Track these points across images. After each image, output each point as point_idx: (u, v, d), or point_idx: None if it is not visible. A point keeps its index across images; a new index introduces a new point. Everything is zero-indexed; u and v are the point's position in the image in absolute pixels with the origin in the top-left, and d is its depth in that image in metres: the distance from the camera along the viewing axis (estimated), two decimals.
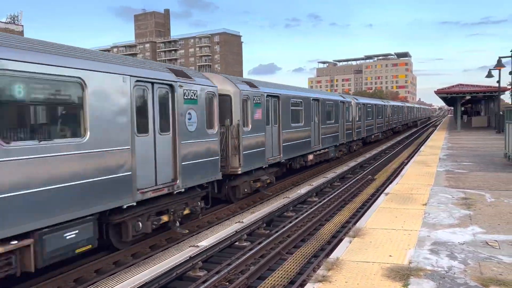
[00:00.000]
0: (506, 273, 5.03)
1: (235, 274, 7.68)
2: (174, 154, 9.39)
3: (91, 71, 7.14)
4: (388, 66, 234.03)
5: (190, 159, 9.95)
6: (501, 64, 31.81)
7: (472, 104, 67.25)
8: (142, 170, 8.36)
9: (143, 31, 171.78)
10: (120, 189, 7.73)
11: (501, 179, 11.81)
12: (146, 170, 8.54)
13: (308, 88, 28.59)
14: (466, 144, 23.90)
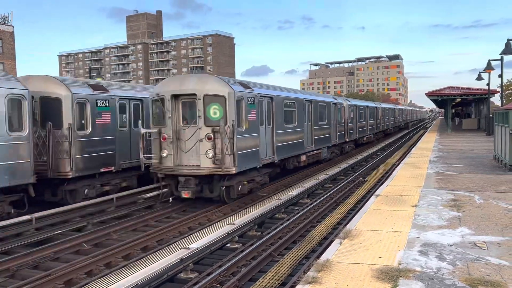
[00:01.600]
0: (493, 274, 5.09)
1: (226, 276, 7.69)
2: None
3: None
4: (379, 68, 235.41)
5: None
6: (491, 67, 32.17)
7: (463, 107, 67.87)
8: None
9: (135, 32, 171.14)
10: None
11: (490, 180, 11.94)
12: None
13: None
14: (456, 146, 24.13)
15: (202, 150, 12.07)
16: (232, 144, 12.09)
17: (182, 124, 12.57)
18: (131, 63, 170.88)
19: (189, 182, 12.35)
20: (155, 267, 7.42)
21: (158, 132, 12.54)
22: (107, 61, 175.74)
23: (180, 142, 12.41)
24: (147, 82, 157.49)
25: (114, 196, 13.46)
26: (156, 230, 10.46)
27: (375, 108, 37.50)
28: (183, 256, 7.96)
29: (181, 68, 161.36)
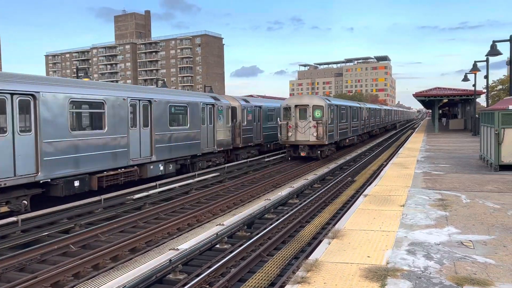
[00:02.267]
0: (479, 272, 5.16)
1: (215, 277, 7.67)
2: None
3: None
4: (368, 69, 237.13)
5: None
6: (477, 68, 32.60)
7: (449, 107, 68.65)
8: None
9: (123, 32, 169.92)
10: None
11: (476, 180, 12.10)
12: None
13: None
14: (443, 146, 24.40)
15: (310, 133, 24.11)
16: (326, 129, 23.93)
17: (299, 120, 24.45)
18: (119, 63, 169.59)
19: (305, 148, 24.18)
20: (144, 268, 7.38)
21: (286, 123, 24.44)
22: (95, 61, 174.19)
23: (297, 129, 24.36)
24: (136, 82, 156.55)
25: (102, 197, 13.35)
26: (145, 231, 10.40)
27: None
28: (172, 257, 7.92)
29: (170, 68, 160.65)
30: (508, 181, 11.86)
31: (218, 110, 21.49)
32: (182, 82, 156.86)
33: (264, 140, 27.45)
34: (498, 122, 13.61)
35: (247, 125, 24.98)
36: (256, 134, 26.29)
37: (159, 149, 16.74)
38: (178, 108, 18.31)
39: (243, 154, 24.61)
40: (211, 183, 17.86)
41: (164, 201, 14.31)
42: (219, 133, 21.59)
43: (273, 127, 28.27)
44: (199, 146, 19.63)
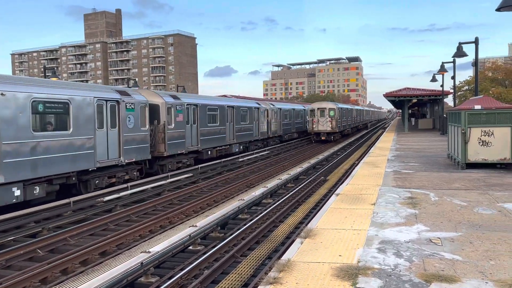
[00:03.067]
0: (447, 268, 5.28)
1: (188, 279, 7.59)
2: None
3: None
4: (340, 70, 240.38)
5: None
6: (444, 69, 33.52)
7: (419, 107, 70.33)
8: None
9: (93, 31, 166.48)
10: None
11: (444, 178, 12.42)
12: None
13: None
14: (413, 145, 24.96)
15: (327, 125, 37.86)
16: (337, 123, 38.05)
17: (319, 117, 38.05)
18: (89, 63, 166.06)
19: (324, 134, 37.73)
20: (114, 272, 7.22)
21: (311, 120, 38.39)
22: (64, 60, 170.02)
23: (319, 122, 38.03)
24: (106, 82, 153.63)
25: (71, 200, 13.02)
26: (116, 234, 10.19)
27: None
28: (143, 260, 7.79)
29: (142, 68, 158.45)
30: (474, 179, 12.22)
31: (126, 109, 16.34)
32: (154, 81, 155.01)
33: (202, 146, 22.62)
34: (465, 122, 14.02)
35: (175, 128, 19.83)
36: (190, 139, 21.39)
37: None
38: (52, 106, 13.16)
39: (170, 165, 19.58)
40: (184, 184, 17.69)
41: (135, 203, 14.08)
42: (128, 138, 16.37)
43: (216, 130, 24.29)
44: (92, 158, 14.50)
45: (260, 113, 31.83)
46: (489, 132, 13.80)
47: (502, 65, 75.46)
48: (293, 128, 41.00)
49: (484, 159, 13.98)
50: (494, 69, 70.77)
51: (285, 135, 38.53)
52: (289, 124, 39.55)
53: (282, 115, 37.29)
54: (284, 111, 37.91)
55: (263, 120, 32.55)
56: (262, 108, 32.69)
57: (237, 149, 27.51)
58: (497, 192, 10.14)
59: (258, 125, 31.35)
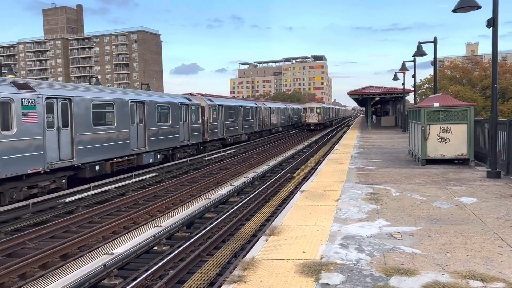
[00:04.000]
0: (406, 262, 5.45)
1: (153, 279, 7.50)
2: None
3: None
4: (305, 68, 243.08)
5: None
6: (405, 68, 34.47)
7: (381, 105, 72.05)
8: None
9: (53, 27, 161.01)
10: None
11: (405, 174, 12.79)
12: None
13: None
14: (376, 142, 25.57)
15: (315, 118, 56.42)
16: (322, 117, 57.36)
17: (310, 113, 56.82)
18: (49, 60, 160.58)
19: (313, 125, 56.51)
20: (76, 275, 7.04)
21: (304, 115, 58.03)
22: (22, 57, 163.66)
23: (309, 117, 56.82)
24: (68, 80, 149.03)
25: (30, 202, 12.57)
26: (77, 236, 9.93)
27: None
28: (106, 262, 7.63)
29: (105, 65, 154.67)
30: (433, 174, 12.65)
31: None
32: (118, 79, 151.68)
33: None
34: (424, 119, 14.47)
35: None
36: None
37: None
38: None
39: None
40: (149, 183, 17.43)
41: (98, 204, 13.77)
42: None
43: (103, 133, 16.94)
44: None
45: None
46: (447, 129, 14.30)
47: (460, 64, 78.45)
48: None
49: (442, 155, 14.47)
50: (453, 68, 73.45)
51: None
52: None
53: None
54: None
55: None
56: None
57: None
58: (454, 187, 10.54)
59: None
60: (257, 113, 42.39)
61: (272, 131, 48.89)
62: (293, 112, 62.01)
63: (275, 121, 50.36)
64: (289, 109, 59.74)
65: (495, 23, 11.53)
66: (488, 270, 5.11)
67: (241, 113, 36.14)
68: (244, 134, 37.24)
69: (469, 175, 12.33)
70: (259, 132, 43.14)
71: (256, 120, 41.71)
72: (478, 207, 8.35)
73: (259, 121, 42.95)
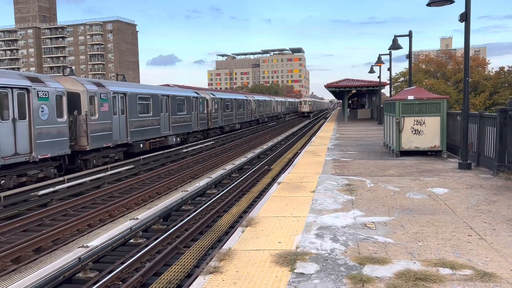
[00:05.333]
0: (379, 251, 5.58)
1: (129, 272, 7.46)
2: None
3: None
4: (283, 61, 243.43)
5: None
6: (381, 61, 34.93)
7: (358, 98, 72.87)
8: None
9: (24, 15, 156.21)
10: None
11: (379, 165, 13.03)
12: None
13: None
14: (352, 134, 25.90)
15: (307, 108, 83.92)
16: (312, 108, 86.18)
17: (304, 104, 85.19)
18: (20, 49, 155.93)
19: (306, 113, 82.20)
20: (50, 268, 6.94)
21: (300, 106, 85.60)
22: None
23: (303, 107, 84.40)
24: (40, 70, 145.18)
25: (1, 195, 12.27)
26: (51, 229, 9.76)
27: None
28: (81, 255, 7.54)
29: (79, 55, 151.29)
30: (407, 165, 12.92)
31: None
32: (93, 70, 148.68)
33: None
34: (399, 111, 14.73)
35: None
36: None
37: None
38: None
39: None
40: (125, 176, 17.24)
41: (73, 197, 13.55)
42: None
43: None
44: None
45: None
46: (421, 121, 14.60)
47: (435, 58, 79.94)
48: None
49: (416, 147, 14.79)
50: (427, 62, 74.81)
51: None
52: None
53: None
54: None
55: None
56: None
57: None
58: (427, 177, 10.80)
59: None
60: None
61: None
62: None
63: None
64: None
65: (467, 17, 11.80)
66: (457, 257, 5.28)
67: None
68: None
69: (442, 166, 12.64)
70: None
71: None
72: (450, 197, 8.59)
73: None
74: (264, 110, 57.29)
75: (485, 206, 7.81)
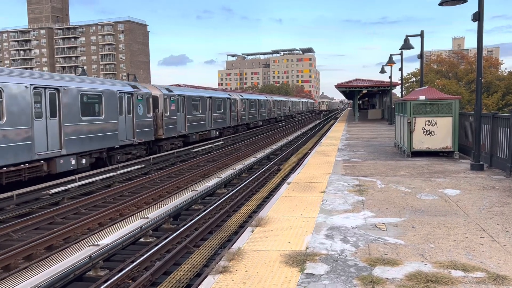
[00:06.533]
0: (390, 252, 5.53)
1: (139, 271, 7.49)
2: None
3: None
4: (294, 61, 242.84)
5: None
6: (392, 61, 34.67)
7: (369, 98, 72.52)
8: None
9: (37, 15, 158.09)
10: None
11: (390, 166, 12.92)
12: None
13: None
14: (362, 135, 25.75)
15: (325, 107, 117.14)
16: (328, 107, 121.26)
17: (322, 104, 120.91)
18: (33, 49, 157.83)
19: (323, 111, 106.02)
20: (61, 266, 7.00)
21: (319, 105, 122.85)
22: (6, 46, 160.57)
23: (321, 106, 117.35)
24: (53, 70, 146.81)
25: (14, 193, 12.42)
26: (63, 228, 9.85)
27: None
28: (92, 254, 7.60)
29: (91, 55, 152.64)
30: (418, 166, 12.81)
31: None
32: (104, 70, 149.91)
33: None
34: (410, 112, 14.61)
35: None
36: None
37: None
38: None
39: None
40: (135, 175, 17.34)
41: (84, 195, 13.66)
42: None
43: None
44: None
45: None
46: (432, 122, 14.46)
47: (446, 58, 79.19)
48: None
49: (428, 148, 14.65)
50: (439, 62, 74.12)
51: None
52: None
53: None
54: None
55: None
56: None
57: None
58: (438, 179, 10.69)
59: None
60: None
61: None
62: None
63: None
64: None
65: (480, 17, 11.65)
66: (469, 260, 5.22)
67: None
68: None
69: (453, 167, 12.51)
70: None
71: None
72: (462, 198, 8.49)
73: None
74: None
75: (498, 208, 7.70)
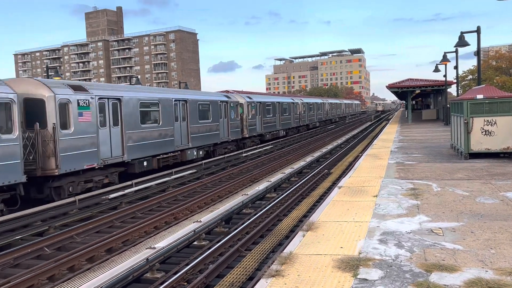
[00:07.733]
0: (448, 258, 5.34)
1: (193, 273, 7.69)
2: None
3: None
4: (342, 62, 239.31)
5: None
6: (447, 59, 33.33)
7: (422, 98, 69.99)
8: None
9: (95, 29, 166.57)
10: None
11: (447, 169, 12.43)
12: None
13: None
14: (416, 136, 24.92)
15: (381, 108, 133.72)
16: (383, 108, 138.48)
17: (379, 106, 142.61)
18: (91, 61, 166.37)
19: (380, 111, 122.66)
20: (120, 268, 7.33)
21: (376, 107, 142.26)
22: (67, 59, 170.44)
23: (378, 107, 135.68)
24: (109, 80, 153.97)
25: (76, 198, 13.16)
26: (121, 231, 10.30)
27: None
28: (149, 256, 7.89)
29: (144, 65, 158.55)
30: (477, 168, 12.23)
31: None
32: (157, 78, 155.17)
33: None
34: (467, 112, 13.99)
35: None
36: None
37: None
38: None
39: None
40: (188, 180, 17.80)
41: (140, 200, 14.20)
42: None
43: None
44: None
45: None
46: (491, 122, 13.77)
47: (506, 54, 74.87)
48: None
49: (487, 149, 13.96)
50: (498, 58, 70.22)
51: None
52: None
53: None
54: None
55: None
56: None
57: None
58: (499, 181, 10.16)
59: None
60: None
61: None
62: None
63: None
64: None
65: None
66: None
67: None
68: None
69: None
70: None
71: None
72: None
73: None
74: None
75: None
